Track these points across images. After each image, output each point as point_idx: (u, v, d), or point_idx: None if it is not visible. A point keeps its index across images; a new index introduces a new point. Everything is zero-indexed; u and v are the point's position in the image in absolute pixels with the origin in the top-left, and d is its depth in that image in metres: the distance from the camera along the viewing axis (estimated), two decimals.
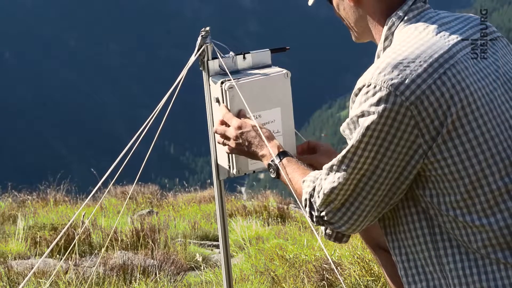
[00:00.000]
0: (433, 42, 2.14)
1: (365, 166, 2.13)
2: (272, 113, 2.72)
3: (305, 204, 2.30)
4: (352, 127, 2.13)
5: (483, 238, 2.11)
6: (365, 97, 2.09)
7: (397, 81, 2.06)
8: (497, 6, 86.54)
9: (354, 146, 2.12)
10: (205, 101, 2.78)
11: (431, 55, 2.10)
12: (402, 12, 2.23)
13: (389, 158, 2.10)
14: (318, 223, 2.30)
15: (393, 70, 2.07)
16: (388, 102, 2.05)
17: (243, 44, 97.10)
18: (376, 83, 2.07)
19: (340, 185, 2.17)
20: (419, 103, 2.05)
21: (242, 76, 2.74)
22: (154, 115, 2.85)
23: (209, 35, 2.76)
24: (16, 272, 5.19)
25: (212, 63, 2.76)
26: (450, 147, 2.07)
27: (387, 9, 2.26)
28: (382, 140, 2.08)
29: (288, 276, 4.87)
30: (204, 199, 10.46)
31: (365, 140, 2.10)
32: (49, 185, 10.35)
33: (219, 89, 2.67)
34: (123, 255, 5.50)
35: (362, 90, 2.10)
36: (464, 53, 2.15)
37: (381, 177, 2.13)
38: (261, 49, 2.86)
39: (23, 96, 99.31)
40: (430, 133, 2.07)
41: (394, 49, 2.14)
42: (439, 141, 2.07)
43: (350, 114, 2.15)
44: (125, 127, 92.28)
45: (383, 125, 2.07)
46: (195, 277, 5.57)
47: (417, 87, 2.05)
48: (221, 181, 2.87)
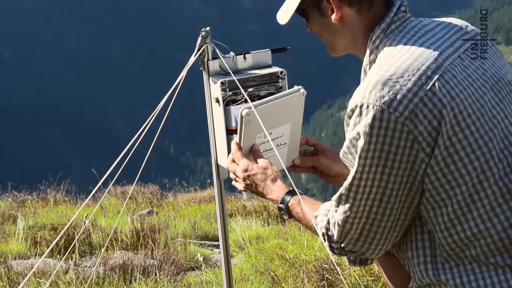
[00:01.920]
0: (419, 54, 2.12)
1: (373, 189, 2.11)
2: (283, 129, 2.71)
3: (323, 239, 2.28)
4: (353, 151, 2.11)
5: (481, 244, 2.11)
6: (359, 118, 2.07)
7: (388, 98, 2.04)
8: (497, 6, 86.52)
9: (358, 171, 2.10)
10: (205, 101, 2.78)
11: (419, 68, 2.08)
12: (385, 24, 2.21)
13: (396, 176, 2.09)
14: (340, 254, 2.28)
15: (383, 87, 2.06)
16: (383, 120, 2.04)
17: (243, 44, 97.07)
18: (368, 102, 2.05)
19: (353, 214, 2.16)
20: (413, 116, 2.04)
21: (245, 76, 2.74)
22: (154, 115, 2.85)
23: (209, 35, 2.76)
24: (16, 272, 5.18)
25: (212, 63, 2.76)
26: (446, 156, 2.07)
27: (371, 24, 2.24)
28: (385, 160, 2.07)
29: (288, 276, 4.87)
30: (204, 199, 10.46)
31: (367, 163, 2.08)
32: (49, 185, 10.35)
33: (236, 113, 2.64)
34: (123, 255, 5.50)
35: (355, 111, 2.08)
36: (451, 61, 2.14)
37: (392, 197, 2.12)
38: (262, 49, 2.86)
39: (23, 96, 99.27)
40: (430, 146, 2.06)
41: (380, 65, 2.12)
42: (436, 153, 2.06)
43: (346, 138, 2.13)
44: (125, 127, 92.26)
45: (382, 144, 2.05)
46: (195, 277, 5.57)
47: (410, 101, 2.04)
48: (221, 181, 2.87)
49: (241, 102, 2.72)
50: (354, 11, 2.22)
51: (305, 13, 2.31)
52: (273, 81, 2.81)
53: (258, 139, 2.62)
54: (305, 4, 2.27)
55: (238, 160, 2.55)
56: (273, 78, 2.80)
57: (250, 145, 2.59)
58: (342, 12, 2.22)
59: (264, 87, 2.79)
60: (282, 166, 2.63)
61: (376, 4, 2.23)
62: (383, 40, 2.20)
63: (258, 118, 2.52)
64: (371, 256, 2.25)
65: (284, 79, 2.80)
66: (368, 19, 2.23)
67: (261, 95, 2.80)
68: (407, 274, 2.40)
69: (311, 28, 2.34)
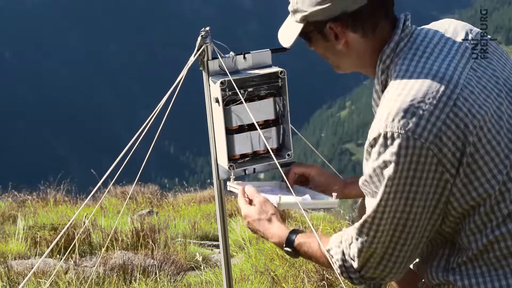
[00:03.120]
0: (435, 73, 2.12)
1: (397, 214, 2.11)
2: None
3: (341, 271, 2.27)
4: (376, 179, 2.11)
5: (499, 247, 2.13)
6: (384, 147, 2.07)
7: (412, 125, 2.04)
8: (497, 6, 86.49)
9: (384, 198, 2.10)
10: (205, 101, 2.78)
11: (438, 89, 2.08)
12: (393, 43, 2.20)
13: (420, 200, 2.09)
14: (360, 283, 2.28)
15: (405, 114, 2.05)
16: (408, 147, 2.04)
17: (243, 44, 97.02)
18: (392, 130, 2.05)
19: (376, 240, 2.16)
20: (438, 141, 2.04)
21: (244, 75, 2.75)
22: (154, 115, 2.85)
23: (209, 35, 2.76)
24: (16, 272, 5.18)
25: (212, 63, 2.76)
26: (469, 173, 2.08)
27: (378, 45, 2.22)
28: (410, 186, 2.07)
29: (288, 276, 4.87)
30: (204, 199, 10.45)
31: (393, 190, 2.08)
32: (49, 185, 10.34)
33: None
34: (123, 255, 5.49)
35: (379, 140, 2.08)
36: (465, 75, 2.14)
37: (416, 220, 2.12)
38: (262, 49, 2.86)
39: (23, 96, 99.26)
40: (454, 166, 2.07)
41: (398, 90, 2.11)
42: (460, 171, 2.08)
43: (369, 167, 2.12)
44: (125, 127, 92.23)
45: (407, 170, 2.06)
46: (195, 277, 5.56)
47: (433, 126, 2.04)
48: (221, 181, 2.87)
49: (241, 102, 2.72)
50: (358, 35, 2.21)
51: (308, 37, 2.29)
52: (273, 81, 2.81)
53: None
54: (307, 28, 2.26)
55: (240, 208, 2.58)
56: (273, 78, 2.80)
57: None
58: (347, 37, 2.21)
59: (264, 87, 2.79)
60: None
61: (381, 26, 2.21)
62: (394, 60, 2.19)
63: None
64: (391, 280, 2.26)
65: (284, 79, 2.80)
66: (374, 40, 2.22)
67: (261, 95, 2.80)
68: (412, 273, 2.42)
69: (313, 48, 2.33)
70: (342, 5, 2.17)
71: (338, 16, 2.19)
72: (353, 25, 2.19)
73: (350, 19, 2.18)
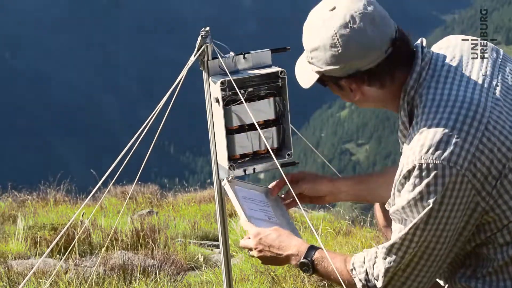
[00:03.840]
0: (462, 100, 2.11)
1: (428, 238, 2.13)
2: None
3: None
4: (408, 210, 2.12)
5: None
6: (419, 179, 2.07)
7: (447, 154, 2.05)
8: (497, 6, 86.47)
9: (417, 223, 2.11)
10: (205, 101, 2.78)
11: (467, 115, 2.08)
12: (416, 74, 2.18)
13: (451, 224, 2.11)
14: None
15: (439, 144, 2.06)
16: (445, 176, 2.05)
17: (243, 44, 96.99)
18: (428, 161, 2.06)
19: (404, 261, 2.17)
20: (472, 166, 2.06)
21: (244, 75, 2.75)
22: (154, 115, 2.85)
23: (209, 35, 2.76)
24: (16, 272, 5.18)
25: (212, 63, 2.76)
26: (503, 193, 2.10)
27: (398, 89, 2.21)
28: (444, 212, 2.09)
29: (288, 276, 4.87)
30: (204, 199, 10.44)
31: (426, 217, 2.09)
32: (49, 185, 10.34)
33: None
34: (123, 255, 5.49)
35: (413, 172, 2.08)
36: (490, 97, 2.15)
37: (445, 243, 2.14)
38: (262, 49, 2.86)
39: (23, 96, 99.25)
40: (485, 189, 2.09)
41: (428, 120, 2.11)
42: (494, 193, 2.09)
43: (402, 199, 2.12)
44: (125, 127, 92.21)
45: (443, 197, 2.07)
46: (195, 277, 5.56)
47: (467, 152, 2.06)
48: (221, 181, 2.87)
49: (241, 102, 2.72)
50: (376, 88, 2.20)
51: (325, 85, 2.30)
52: (273, 81, 2.80)
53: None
54: (323, 78, 2.26)
55: (249, 230, 2.51)
56: (273, 78, 2.80)
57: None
58: (362, 90, 2.21)
59: (264, 87, 2.79)
60: None
61: (399, 71, 2.20)
62: (418, 90, 2.18)
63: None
64: None
65: (284, 79, 2.80)
66: (395, 86, 2.21)
67: (261, 95, 2.80)
68: None
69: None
70: (357, 65, 2.16)
71: (352, 74, 2.18)
72: (369, 81, 2.19)
73: (366, 76, 2.18)
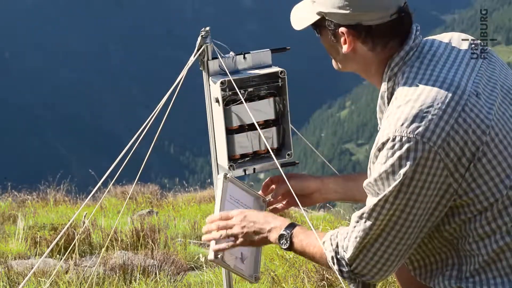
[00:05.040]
0: (442, 80, 2.14)
1: (396, 213, 2.13)
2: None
3: (332, 263, 2.28)
4: (380, 183, 2.13)
5: (508, 256, 2.14)
6: (392, 151, 2.08)
7: (422, 129, 2.06)
8: (497, 6, 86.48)
9: (386, 195, 2.12)
10: (205, 101, 2.78)
11: (446, 95, 2.10)
12: (404, 52, 2.21)
13: (421, 202, 2.11)
14: (350, 279, 2.28)
15: (415, 118, 2.07)
16: (417, 150, 2.06)
17: (243, 44, 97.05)
18: (402, 134, 2.07)
19: (372, 232, 2.17)
20: (445, 145, 2.06)
21: (244, 75, 2.74)
22: (154, 115, 2.85)
23: (209, 35, 2.76)
24: (16, 272, 5.18)
25: (212, 63, 2.76)
26: (476, 177, 2.10)
27: (386, 58, 2.24)
28: (414, 188, 2.09)
29: (288, 276, 4.87)
30: (204, 199, 10.44)
31: (397, 190, 2.10)
32: (49, 185, 10.35)
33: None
34: (123, 255, 5.49)
35: (387, 144, 2.10)
36: (471, 82, 2.17)
37: (414, 221, 2.14)
38: (262, 49, 2.86)
39: (23, 96, 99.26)
40: (458, 171, 2.09)
41: (407, 96, 2.13)
42: (467, 176, 2.09)
43: (375, 170, 2.13)
44: (125, 127, 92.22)
45: (414, 172, 2.07)
46: (195, 277, 5.56)
47: (442, 130, 2.07)
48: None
49: (241, 102, 2.72)
50: (367, 48, 2.23)
51: (319, 30, 2.31)
52: (273, 81, 2.81)
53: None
54: (321, 22, 2.27)
55: (231, 212, 2.51)
56: (273, 78, 2.80)
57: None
58: (355, 45, 2.23)
59: (264, 87, 2.79)
60: None
61: (392, 42, 2.22)
62: (402, 68, 2.21)
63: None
64: (380, 279, 2.25)
65: (284, 79, 2.80)
66: (383, 54, 2.23)
67: (261, 95, 2.80)
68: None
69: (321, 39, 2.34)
70: (361, 17, 2.18)
71: (353, 25, 2.20)
72: (365, 37, 2.20)
73: (364, 32, 2.19)
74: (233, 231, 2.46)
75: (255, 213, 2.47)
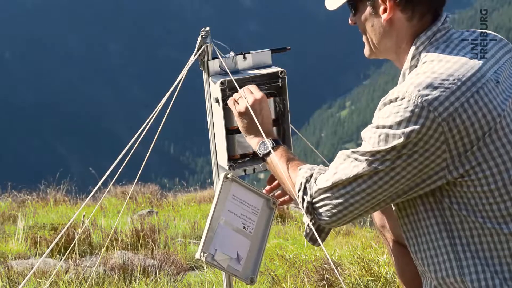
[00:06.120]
0: (464, 62, 2.15)
1: (380, 167, 2.13)
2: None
3: (298, 188, 2.30)
4: (378, 134, 2.13)
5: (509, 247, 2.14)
6: (397, 109, 2.09)
7: (431, 97, 2.07)
8: (497, 6, 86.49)
9: (377, 149, 2.12)
10: (205, 101, 2.78)
11: (464, 74, 2.11)
12: (430, 32, 2.24)
13: (410, 166, 2.12)
14: (307, 210, 2.29)
15: (428, 86, 2.08)
16: (421, 117, 2.06)
17: (243, 44, 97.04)
18: (411, 97, 2.08)
19: (351, 174, 2.17)
20: (451, 120, 2.06)
21: (245, 75, 2.74)
22: (154, 115, 2.85)
23: (209, 35, 2.76)
24: (16, 272, 5.18)
25: (212, 63, 2.76)
26: (481, 162, 2.10)
27: (417, 31, 2.26)
28: (408, 150, 2.10)
29: (288, 276, 4.87)
30: (204, 199, 10.45)
31: (391, 146, 2.10)
32: (49, 185, 10.35)
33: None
34: (123, 255, 5.49)
35: (395, 102, 2.11)
36: (492, 72, 2.18)
37: (392, 181, 2.15)
38: (262, 49, 2.86)
39: (23, 96, 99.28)
40: (457, 149, 2.09)
41: (428, 67, 2.15)
42: (466, 156, 2.09)
43: (377, 121, 2.15)
44: (125, 127, 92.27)
45: (412, 137, 2.08)
46: (195, 277, 5.56)
47: (451, 104, 2.07)
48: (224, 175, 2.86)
49: None
50: (405, 17, 2.25)
51: (356, 5, 2.32)
52: (273, 81, 2.81)
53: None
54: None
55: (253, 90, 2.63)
56: (273, 78, 2.81)
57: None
58: (394, 14, 2.24)
59: (264, 87, 2.79)
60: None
61: (427, 15, 2.25)
62: (427, 47, 2.23)
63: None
64: (330, 224, 2.26)
65: (284, 79, 2.80)
66: (417, 27, 2.26)
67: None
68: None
69: (356, 22, 2.35)
70: None
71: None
72: (405, 5, 2.23)
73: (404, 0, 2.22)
74: (240, 108, 2.61)
75: (267, 109, 2.61)
